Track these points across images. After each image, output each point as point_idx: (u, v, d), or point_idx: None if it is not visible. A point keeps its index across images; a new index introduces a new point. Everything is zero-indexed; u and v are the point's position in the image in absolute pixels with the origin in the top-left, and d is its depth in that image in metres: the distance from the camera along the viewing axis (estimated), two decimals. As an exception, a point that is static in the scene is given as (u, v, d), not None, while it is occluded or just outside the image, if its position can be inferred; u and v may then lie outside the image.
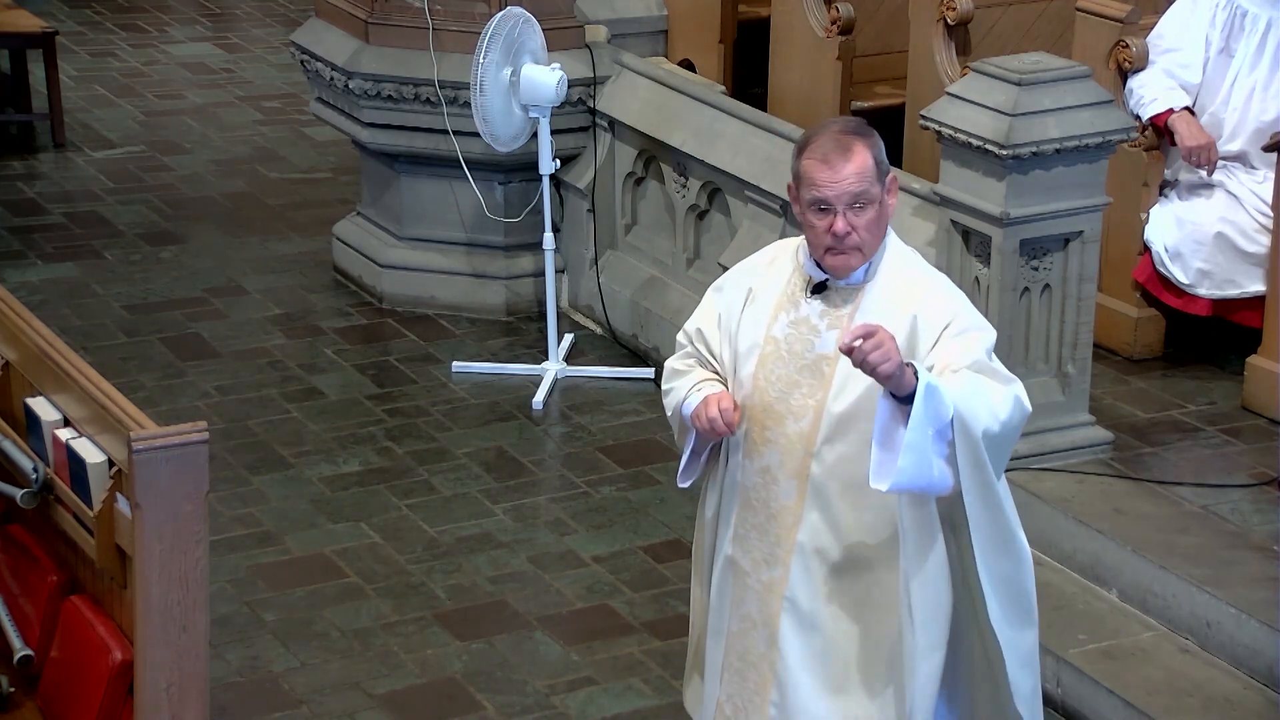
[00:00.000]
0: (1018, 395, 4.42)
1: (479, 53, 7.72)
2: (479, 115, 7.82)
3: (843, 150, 4.41)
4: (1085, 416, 6.76)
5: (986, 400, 4.36)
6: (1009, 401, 4.39)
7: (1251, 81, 7.32)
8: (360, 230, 8.99)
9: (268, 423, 7.75)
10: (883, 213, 4.47)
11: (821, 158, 4.42)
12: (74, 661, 4.64)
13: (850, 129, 4.48)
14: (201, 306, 8.78)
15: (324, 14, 8.88)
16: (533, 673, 6.21)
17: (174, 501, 4.25)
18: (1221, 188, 7.31)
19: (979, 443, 4.35)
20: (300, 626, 6.44)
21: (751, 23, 8.87)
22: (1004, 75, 6.51)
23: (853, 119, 4.58)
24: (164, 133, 10.95)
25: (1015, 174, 6.42)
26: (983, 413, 4.34)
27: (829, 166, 4.41)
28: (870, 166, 4.42)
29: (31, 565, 4.91)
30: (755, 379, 4.55)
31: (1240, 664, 5.89)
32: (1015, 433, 4.46)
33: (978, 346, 4.43)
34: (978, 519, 4.44)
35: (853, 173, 4.40)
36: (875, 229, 4.46)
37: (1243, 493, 6.52)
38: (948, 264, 6.68)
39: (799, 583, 4.56)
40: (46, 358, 4.69)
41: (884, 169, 4.47)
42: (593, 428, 7.74)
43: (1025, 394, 4.46)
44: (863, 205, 4.42)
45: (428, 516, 7.11)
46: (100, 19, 13.09)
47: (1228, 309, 7.32)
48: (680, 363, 4.71)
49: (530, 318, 8.62)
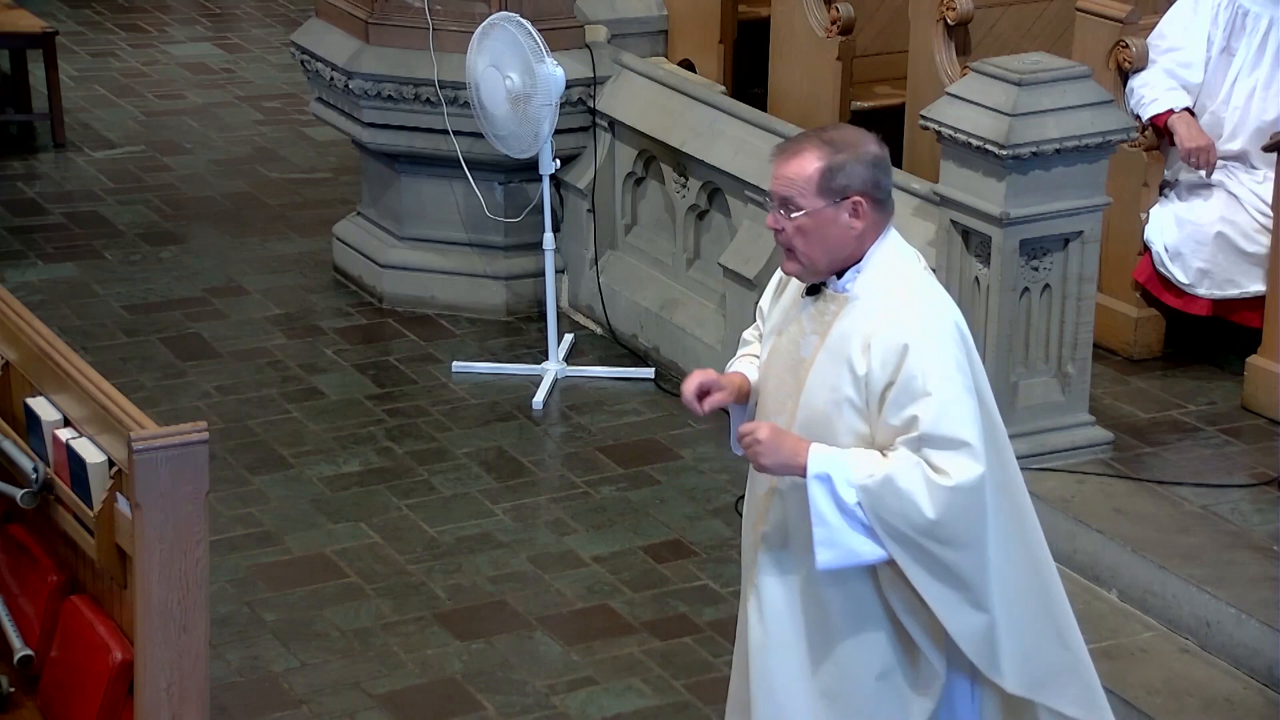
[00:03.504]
0: (954, 488, 4.25)
1: (472, 69, 7.79)
2: (489, 131, 7.85)
3: (790, 150, 4.37)
4: (1085, 416, 6.76)
5: (904, 498, 4.27)
6: (937, 499, 4.26)
7: (1252, 81, 7.32)
8: (360, 230, 8.99)
9: (268, 423, 7.75)
10: (827, 230, 4.34)
11: (777, 151, 4.42)
12: (74, 661, 4.64)
13: (824, 135, 4.39)
14: (201, 306, 8.78)
15: (324, 14, 8.88)
16: (533, 673, 6.21)
17: (174, 501, 4.25)
18: (1221, 188, 7.31)
19: (902, 531, 4.30)
20: (300, 626, 6.44)
21: (751, 23, 8.87)
22: (1004, 75, 6.51)
23: (852, 128, 4.48)
24: (164, 133, 10.95)
25: (1015, 174, 6.43)
26: (897, 506, 4.28)
27: (774, 161, 4.40)
28: (808, 176, 4.32)
29: (31, 565, 4.91)
30: (764, 366, 4.59)
31: (1240, 664, 5.89)
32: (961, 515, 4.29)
33: (919, 418, 4.27)
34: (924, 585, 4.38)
35: (785, 175, 4.35)
36: (812, 241, 4.35)
37: (1243, 493, 6.52)
38: (948, 264, 6.68)
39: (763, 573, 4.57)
40: (46, 358, 4.69)
41: (837, 185, 4.31)
42: (593, 428, 7.74)
43: (968, 471, 4.26)
44: (790, 212, 4.35)
45: (428, 516, 7.11)
46: (100, 19, 13.09)
47: (1228, 309, 7.32)
48: (747, 333, 4.80)
49: (530, 318, 8.62)
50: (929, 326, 4.33)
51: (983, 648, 4.44)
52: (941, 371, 4.29)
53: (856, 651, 4.49)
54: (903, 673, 4.51)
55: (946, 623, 4.39)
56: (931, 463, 4.27)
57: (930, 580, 4.34)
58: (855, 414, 4.36)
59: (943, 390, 4.28)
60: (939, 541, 4.29)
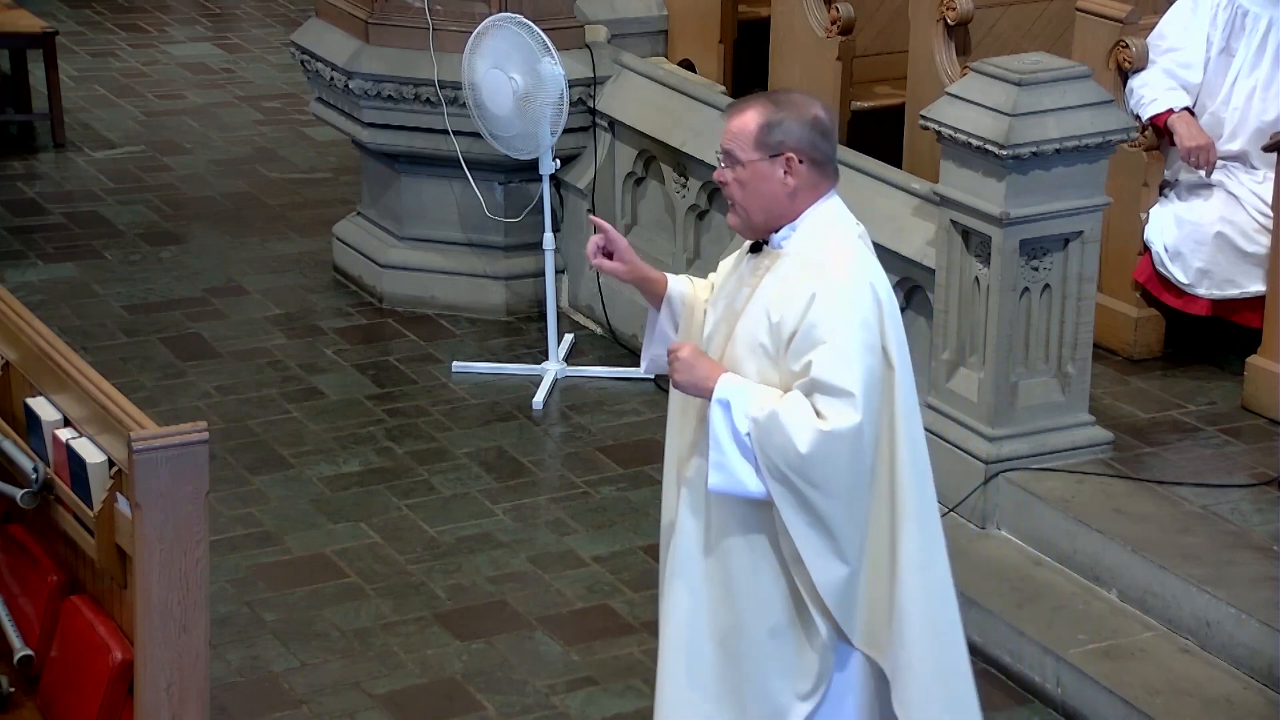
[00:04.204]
0: (829, 431, 4.39)
1: (469, 70, 7.80)
2: (489, 131, 7.86)
3: (738, 107, 4.58)
4: (1085, 416, 6.76)
5: (784, 434, 4.41)
6: (810, 438, 4.39)
7: (1252, 81, 7.33)
8: (360, 230, 8.99)
9: (268, 423, 7.75)
10: (762, 184, 4.51)
11: (727, 107, 4.66)
12: (74, 661, 4.64)
13: (772, 95, 4.62)
14: (201, 306, 8.78)
15: (324, 14, 8.88)
16: (533, 673, 6.21)
17: (174, 501, 4.25)
18: (1221, 188, 7.31)
19: (780, 467, 4.44)
20: (300, 626, 6.44)
21: (751, 23, 8.87)
22: (1004, 75, 6.51)
23: (801, 93, 4.67)
24: (164, 133, 10.95)
25: (1015, 174, 6.43)
26: (778, 441, 4.42)
27: (724, 117, 4.63)
28: (747, 130, 4.51)
29: (31, 565, 4.91)
30: (710, 310, 4.74)
31: (1240, 664, 5.89)
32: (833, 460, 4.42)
33: (813, 363, 4.42)
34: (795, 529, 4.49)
35: (730, 129, 4.55)
36: (747, 194, 4.54)
37: (1243, 493, 6.52)
38: (948, 264, 6.68)
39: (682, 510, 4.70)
40: (46, 358, 4.69)
41: (773, 141, 4.49)
42: (593, 428, 7.74)
43: (845, 419, 4.39)
44: (730, 165, 4.54)
45: (428, 516, 7.11)
46: (100, 19, 13.10)
47: (1227, 309, 7.32)
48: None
49: (530, 318, 8.62)
50: (839, 280, 4.47)
51: (841, 600, 4.53)
52: (840, 323, 4.43)
53: (752, 602, 4.60)
54: (795, 632, 4.59)
55: (810, 568, 4.50)
56: (816, 408, 4.42)
57: (799, 522, 4.47)
58: (767, 360, 4.52)
59: (837, 340, 4.43)
60: (809, 483, 4.42)
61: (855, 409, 4.40)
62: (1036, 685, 6.07)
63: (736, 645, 4.63)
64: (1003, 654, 6.19)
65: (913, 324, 7.09)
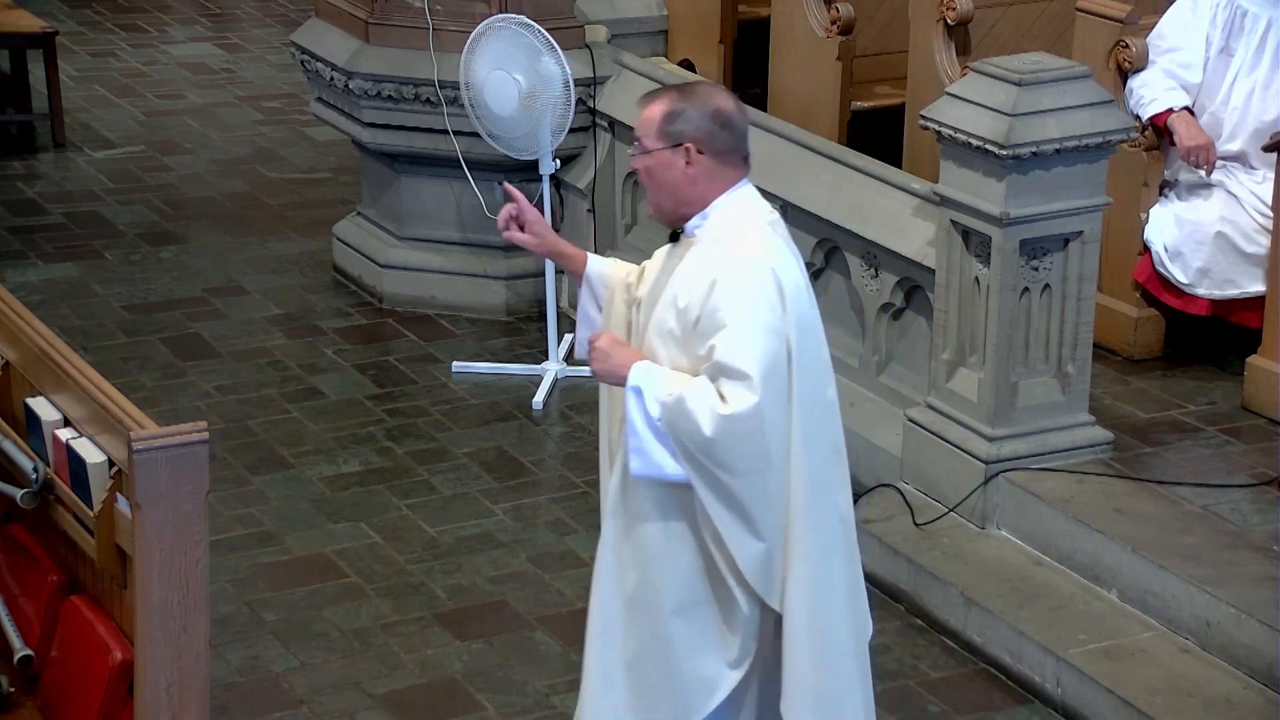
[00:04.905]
0: (729, 415, 4.46)
1: (468, 71, 7.79)
2: (489, 132, 7.86)
3: (650, 97, 4.68)
4: (1085, 416, 6.76)
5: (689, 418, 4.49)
6: (712, 421, 4.47)
7: (1251, 81, 7.33)
8: (360, 230, 9.00)
9: (268, 423, 7.76)
10: (665, 173, 4.60)
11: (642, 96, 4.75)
12: (74, 661, 4.64)
13: (681, 86, 4.68)
14: (201, 306, 8.78)
15: (324, 14, 8.88)
16: (533, 673, 6.21)
17: (174, 501, 4.24)
18: (1221, 188, 7.31)
19: (690, 450, 4.52)
20: (300, 626, 6.44)
21: (751, 23, 8.87)
22: (1004, 75, 6.51)
23: (713, 86, 4.74)
24: (164, 133, 10.95)
25: (1015, 174, 6.43)
26: (685, 426, 4.50)
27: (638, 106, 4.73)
28: (652, 120, 4.61)
29: (31, 565, 4.91)
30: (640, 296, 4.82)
31: (1240, 664, 5.89)
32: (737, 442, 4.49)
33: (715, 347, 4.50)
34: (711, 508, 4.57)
35: (640, 118, 4.66)
36: (654, 182, 4.63)
37: (1243, 493, 6.52)
38: (948, 264, 6.68)
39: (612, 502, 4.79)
40: (46, 358, 4.69)
41: (674, 130, 4.57)
42: (592, 428, 7.74)
43: (743, 401, 4.46)
44: (641, 153, 4.64)
45: (428, 516, 7.11)
46: (100, 19, 13.10)
47: (1227, 309, 7.32)
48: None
49: (530, 318, 8.62)
50: (740, 265, 4.55)
51: (762, 574, 4.61)
52: (740, 307, 4.51)
53: (670, 581, 4.68)
54: (714, 607, 4.67)
55: (729, 546, 4.58)
56: (720, 391, 4.50)
57: (715, 502, 4.55)
58: (676, 346, 4.59)
59: (737, 323, 4.50)
60: (718, 465, 4.50)
61: (753, 390, 4.47)
62: (1036, 685, 6.08)
63: (658, 623, 4.71)
64: (1003, 654, 6.19)
65: (913, 324, 7.10)
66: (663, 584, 4.69)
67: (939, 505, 6.72)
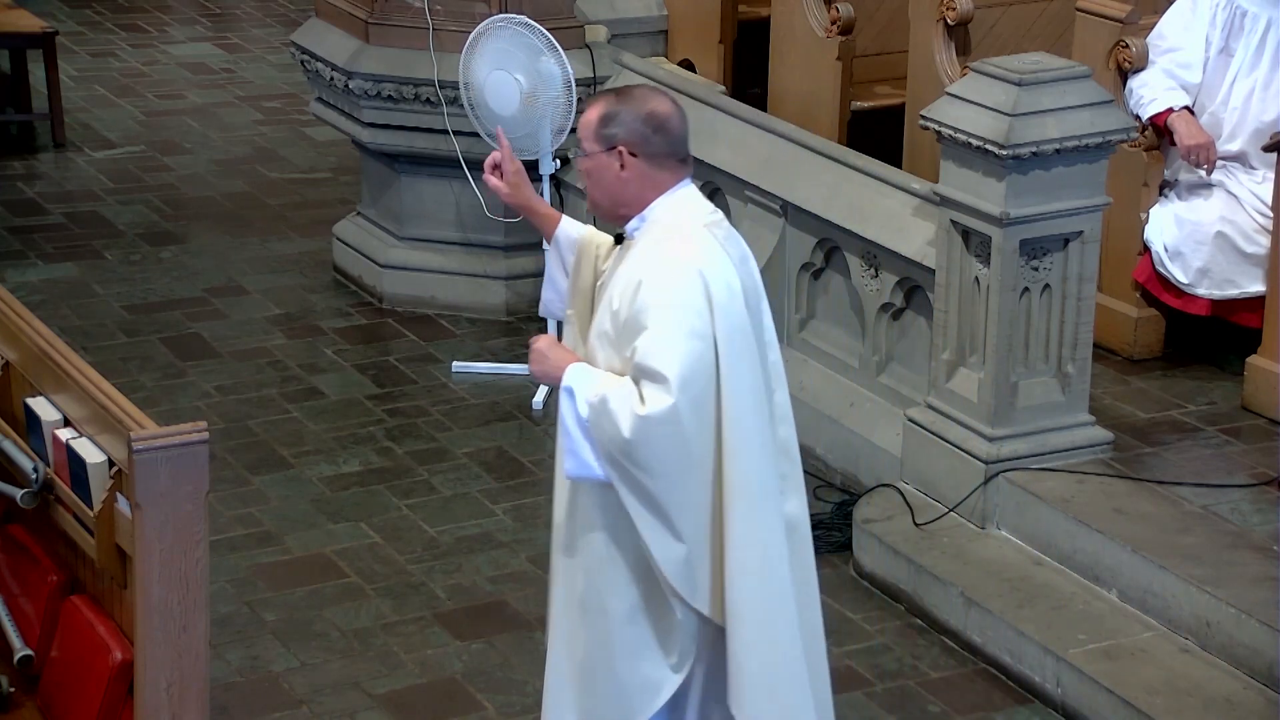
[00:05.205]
0: (645, 416, 4.49)
1: (467, 72, 7.79)
2: (489, 131, 7.86)
3: (591, 100, 4.79)
4: (1085, 416, 6.76)
5: (610, 419, 4.53)
6: (630, 422, 4.50)
7: (1251, 81, 7.33)
8: (360, 230, 9.00)
9: (268, 423, 7.76)
10: (602, 174, 4.67)
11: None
12: (74, 661, 4.64)
13: (620, 90, 4.75)
14: (201, 306, 8.78)
15: (324, 14, 8.88)
16: (533, 673, 6.21)
17: (174, 501, 4.24)
18: (1221, 188, 7.31)
19: (611, 451, 4.55)
20: (300, 626, 6.44)
21: (751, 23, 8.87)
22: (1004, 75, 6.51)
23: (652, 90, 4.78)
24: (164, 133, 10.95)
25: (1015, 174, 6.43)
26: (606, 426, 4.53)
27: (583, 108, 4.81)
28: (589, 123, 4.67)
29: (31, 565, 4.91)
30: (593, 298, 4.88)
31: (1240, 664, 5.89)
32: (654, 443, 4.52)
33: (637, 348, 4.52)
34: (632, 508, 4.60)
35: (581, 121, 4.74)
36: (593, 184, 4.70)
37: (1243, 493, 6.52)
38: (948, 264, 6.68)
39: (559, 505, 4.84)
40: (46, 358, 4.69)
41: (607, 133, 4.64)
42: (593, 428, 7.74)
43: (659, 403, 4.48)
44: (580, 156, 4.71)
45: (428, 516, 7.11)
46: (100, 19, 13.10)
47: (1227, 309, 7.32)
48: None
49: (530, 318, 8.62)
50: (666, 268, 4.58)
51: (683, 577, 4.62)
52: (662, 309, 4.54)
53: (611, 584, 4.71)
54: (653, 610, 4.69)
55: (649, 547, 4.60)
56: (641, 392, 4.53)
57: (634, 502, 4.59)
58: (611, 347, 4.63)
59: (658, 325, 4.53)
60: (636, 466, 4.53)
61: (669, 393, 4.49)
62: (1036, 685, 6.07)
63: (604, 626, 4.73)
64: (1003, 654, 6.19)
65: (913, 324, 7.10)
66: (607, 588, 4.71)
67: (939, 505, 6.72)
